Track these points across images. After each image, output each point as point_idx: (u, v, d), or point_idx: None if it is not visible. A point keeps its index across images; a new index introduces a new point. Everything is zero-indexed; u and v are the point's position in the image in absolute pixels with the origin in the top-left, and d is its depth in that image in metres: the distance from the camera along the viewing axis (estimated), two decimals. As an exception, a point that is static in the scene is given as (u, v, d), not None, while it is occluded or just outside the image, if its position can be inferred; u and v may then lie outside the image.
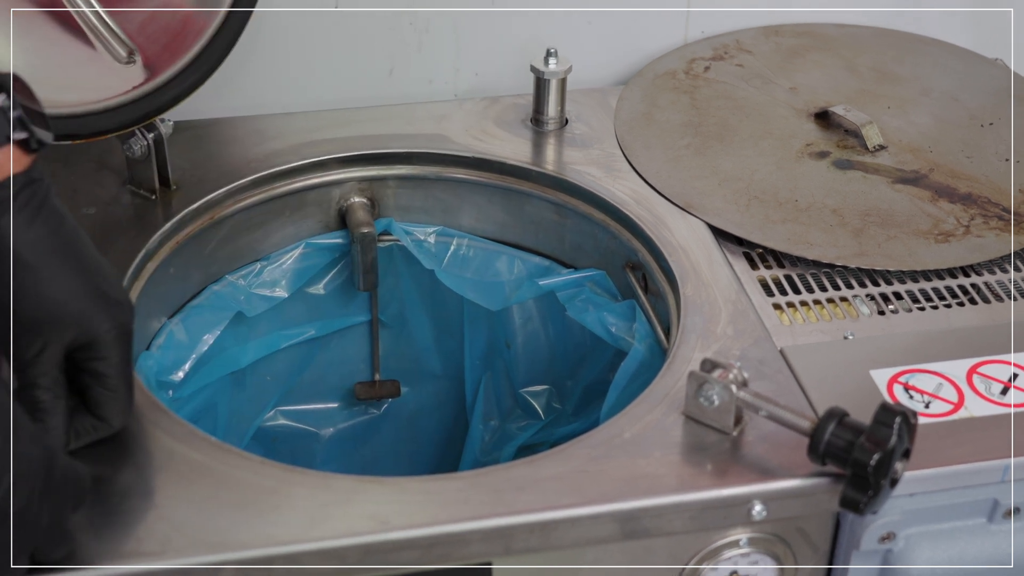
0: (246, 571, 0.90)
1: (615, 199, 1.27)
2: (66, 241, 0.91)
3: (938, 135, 1.39)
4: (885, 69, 1.50)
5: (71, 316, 0.90)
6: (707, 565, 1.00)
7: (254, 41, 1.33)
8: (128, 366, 0.95)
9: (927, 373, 1.07)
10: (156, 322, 1.23)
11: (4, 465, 0.78)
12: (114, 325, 0.93)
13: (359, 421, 1.49)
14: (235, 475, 0.96)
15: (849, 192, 1.29)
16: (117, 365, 0.94)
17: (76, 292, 0.90)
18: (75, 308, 0.90)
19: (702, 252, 1.21)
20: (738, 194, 1.29)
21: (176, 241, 1.23)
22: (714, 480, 0.97)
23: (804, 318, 1.15)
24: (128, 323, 0.94)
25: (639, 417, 1.02)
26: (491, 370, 1.45)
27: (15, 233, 0.87)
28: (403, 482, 0.97)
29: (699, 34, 1.54)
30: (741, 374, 0.99)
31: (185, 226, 1.24)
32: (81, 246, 0.92)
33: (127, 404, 0.97)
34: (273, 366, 1.38)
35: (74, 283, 0.90)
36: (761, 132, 1.38)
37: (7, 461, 0.79)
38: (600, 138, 1.37)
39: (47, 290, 0.89)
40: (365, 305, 1.42)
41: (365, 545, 0.92)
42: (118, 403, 0.96)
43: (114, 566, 0.88)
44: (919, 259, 1.21)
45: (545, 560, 0.97)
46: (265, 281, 1.32)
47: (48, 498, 0.83)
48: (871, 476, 0.91)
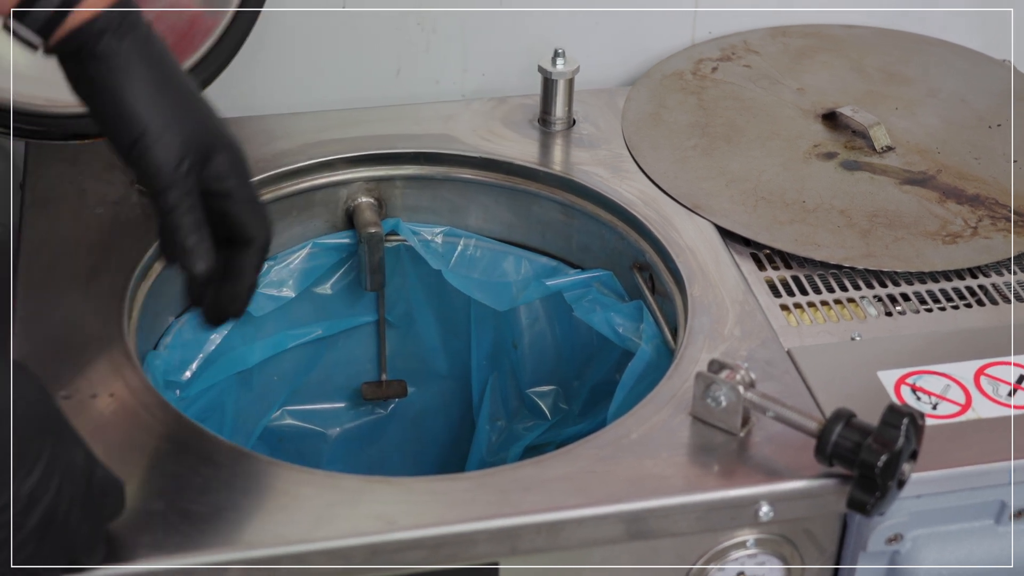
0: (252, 571, 0.90)
1: (622, 199, 1.27)
2: (178, 70, 0.92)
3: (946, 136, 1.38)
4: (892, 70, 1.50)
5: (209, 132, 0.92)
6: (714, 566, 1.00)
7: (261, 41, 1.33)
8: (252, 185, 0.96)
9: (934, 374, 1.07)
10: (163, 322, 1.23)
11: (51, 470, 0.78)
12: (237, 142, 0.94)
13: (366, 421, 1.49)
14: (242, 474, 0.96)
15: (857, 193, 1.29)
16: (246, 177, 0.95)
17: (206, 112, 0.92)
18: (211, 125, 0.92)
19: (709, 253, 1.21)
20: (745, 195, 1.29)
21: (183, 241, 1.23)
22: (721, 481, 0.97)
23: (811, 319, 1.15)
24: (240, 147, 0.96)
25: (646, 418, 1.02)
26: (498, 370, 1.45)
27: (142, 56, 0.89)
28: (410, 482, 0.97)
29: (706, 35, 1.54)
30: (748, 375, 0.99)
31: (192, 226, 1.24)
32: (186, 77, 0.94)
33: (267, 215, 0.96)
34: (280, 366, 1.38)
35: (203, 104, 0.93)
36: (768, 133, 1.38)
37: (54, 466, 0.79)
38: (607, 139, 1.37)
39: (178, 108, 0.90)
40: (372, 305, 1.42)
41: (372, 545, 0.92)
42: (258, 214, 0.95)
43: (119, 566, 0.88)
44: (927, 260, 1.21)
45: (552, 560, 0.97)
46: (272, 281, 1.32)
47: (87, 506, 0.83)
48: (878, 477, 0.90)
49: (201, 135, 0.91)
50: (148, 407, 1.01)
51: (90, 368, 1.05)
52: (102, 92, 0.88)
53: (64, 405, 1.00)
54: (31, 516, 0.77)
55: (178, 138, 0.90)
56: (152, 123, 0.89)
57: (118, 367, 1.05)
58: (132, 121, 0.88)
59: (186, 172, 0.90)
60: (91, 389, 1.02)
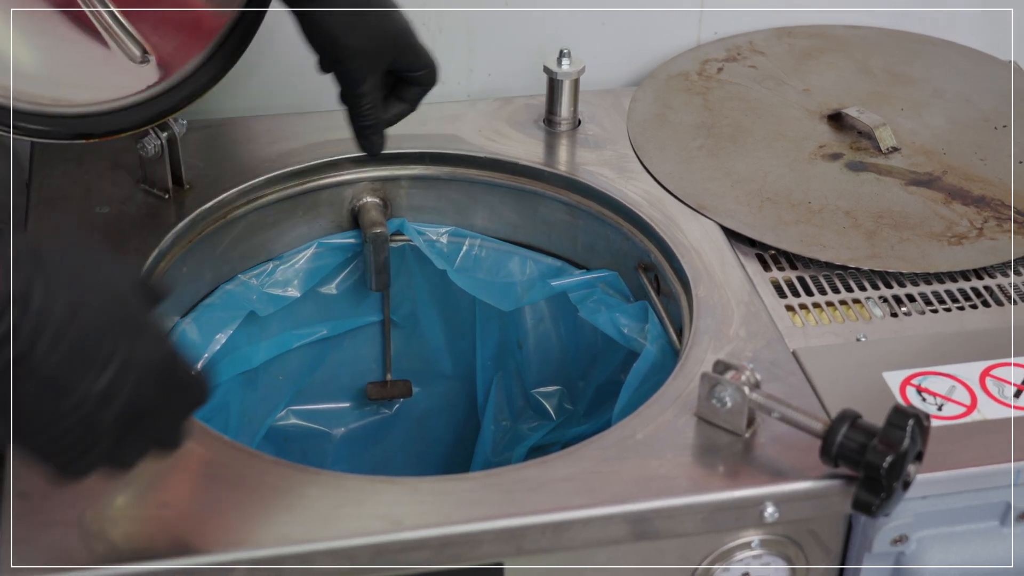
0: (258, 571, 0.90)
1: (628, 200, 1.27)
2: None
3: (951, 137, 1.38)
4: (898, 71, 1.49)
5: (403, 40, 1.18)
6: (719, 566, 1.00)
7: (268, 40, 1.33)
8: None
9: (940, 375, 1.07)
10: (169, 321, 1.23)
11: (127, 368, 0.80)
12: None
13: (371, 421, 1.49)
14: (247, 474, 0.96)
15: (862, 194, 1.29)
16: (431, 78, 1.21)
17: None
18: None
19: (715, 253, 1.21)
20: (751, 195, 1.29)
21: (189, 240, 1.23)
22: (726, 482, 0.97)
23: (817, 320, 1.15)
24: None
25: (651, 418, 1.02)
26: (503, 370, 1.45)
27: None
28: (415, 482, 0.97)
29: (712, 35, 1.54)
30: (753, 376, 0.99)
31: (198, 225, 1.24)
32: None
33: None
34: (285, 366, 1.38)
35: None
36: (774, 134, 1.38)
37: (131, 365, 0.80)
38: (613, 139, 1.37)
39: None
40: (377, 305, 1.42)
41: (377, 545, 0.92)
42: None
43: (125, 566, 0.88)
44: (932, 261, 1.21)
45: (557, 561, 0.97)
46: (277, 281, 1.32)
47: (168, 399, 0.85)
48: (884, 478, 0.90)
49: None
50: (153, 406, 1.01)
51: (95, 367, 1.04)
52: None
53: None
54: (106, 413, 0.80)
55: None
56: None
57: (123, 366, 1.04)
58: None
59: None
60: (96, 388, 1.02)
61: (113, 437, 0.81)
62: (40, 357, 0.77)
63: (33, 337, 0.76)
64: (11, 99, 0.91)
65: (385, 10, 1.17)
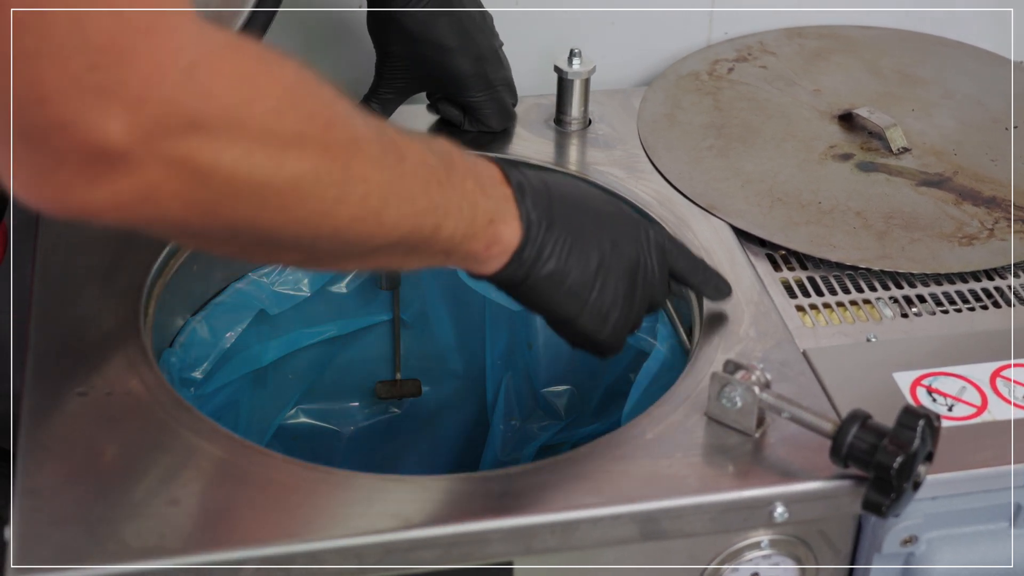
0: (266, 569, 0.90)
1: (638, 200, 1.27)
2: None
3: (962, 138, 1.38)
4: (908, 71, 1.49)
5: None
6: (728, 566, 1.00)
7: (277, 41, 1.33)
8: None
9: (950, 376, 1.07)
10: (179, 319, 1.23)
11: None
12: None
13: (380, 420, 1.49)
14: (256, 472, 0.96)
15: (872, 194, 1.29)
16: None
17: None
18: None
19: (725, 253, 1.21)
20: (761, 196, 1.28)
21: (199, 239, 1.23)
22: (736, 482, 0.97)
23: (827, 320, 1.15)
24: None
25: (661, 418, 1.02)
26: (512, 370, 1.45)
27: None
28: (424, 481, 0.97)
29: (722, 35, 1.54)
30: (764, 376, 0.99)
31: (208, 224, 1.24)
32: None
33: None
34: (295, 364, 1.38)
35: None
36: (784, 134, 1.38)
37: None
38: (623, 139, 1.37)
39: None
40: (387, 304, 1.42)
41: (386, 544, 0.92)
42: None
43: (133, 564, 0.88)
44: (943, 262, 1.21)
45: (566, 560, 0.97)
46: (288, 279, 1.32)
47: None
48: (894, 479, 0.90)
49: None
50: (163, 404, 1.01)
51: (106, 365, 1.05)
52: None
53: (80, 401, 1.01)
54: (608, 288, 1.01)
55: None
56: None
57: (134, 364, 1.05)
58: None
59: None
60: (107, 386, 1.03)
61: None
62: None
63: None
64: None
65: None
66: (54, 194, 0.71)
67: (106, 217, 0.72)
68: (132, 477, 0.95)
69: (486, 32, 1.29)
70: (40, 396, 1.01)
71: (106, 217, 0.72)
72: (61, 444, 0.97)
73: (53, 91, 0.66)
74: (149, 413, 1.01)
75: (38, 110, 0.67)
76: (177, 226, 0.76)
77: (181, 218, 0.74)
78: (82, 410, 1.00)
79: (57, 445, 0.97)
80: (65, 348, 1.07)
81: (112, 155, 0.69)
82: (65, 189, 0.70)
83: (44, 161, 0.69)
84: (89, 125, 0.67)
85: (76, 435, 0.98)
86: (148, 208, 0.72)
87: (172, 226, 0.76)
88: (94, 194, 0.70)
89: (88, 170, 0.69)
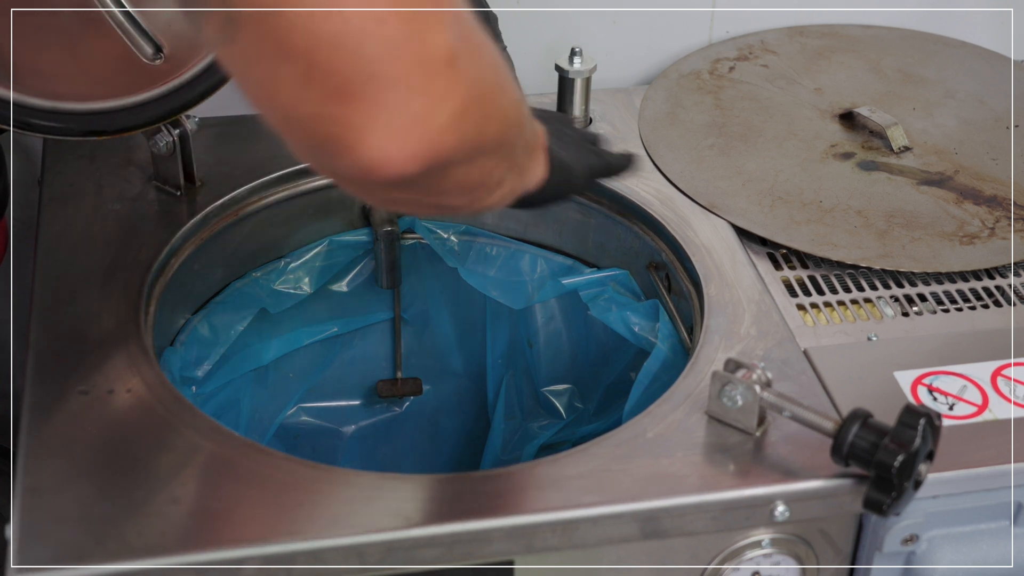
0: (268, 568, 0.90)
1: (639, 199, 1.27)
2: None
3: (963, 137, 1.38)
4: (910, 71, 1.49)
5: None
6: (729, 565, 1.00)
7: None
8: None
9: (951, 375, 1.07)
10: (180, 318, 1.23)
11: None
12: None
13: (381, 419, 1.50)
14: (258, 471, 0.96)
15: (874, 193, 1.29)
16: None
17: None
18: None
19: (726, 252, 1.21)
20: (762, 195, 1.28)
21: (200, 237, 1.23)
22: (737, 480, 0.97)
23: (828, 319, 1.15)
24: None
25: (662, 417, 1.02)
26: (513, 369, 1.45)
27: None
28: (425, 479, 0.97)
29: (724, 34, 1.54)
30: (765, 375, 0.99)
31: (209, 222, 1.24)
32: None
33: None
34: (296, 363, 1.39)
35: None
36: (786, 133, 1.38)
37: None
38: (624, 138, 1.37)
39: None
40: (388, 303, 1.42)
41: (387, 542, 0.92)
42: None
43: (134, 563, 0.88)
44: (943, 261, 1.21)
45: (567, 559, 0.97)
46: (289, 278, 1.32)
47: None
48: (895, 478, 0.90)
49: None
50: (164, 403, 1.01)
51: (107, 363, 1.05)
52: None
53: (81, 400, 1.01)
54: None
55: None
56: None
57: (135, 363, 1.05)
58: None
59: None
60: (108, 384, 1.03)
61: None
62: None
63: None
64: (11, 99, 0.90)
65: None
66: (422, 133, 0.72)
67: (448, 141, 0.73)
68: (133, 476, 0.95)
69: (491, 34, 1.29)
70: (41, 395, 1.02)
71: (448, 141, 0.73)
72: (62, 443, 0.97)
73: None
74: (150, 412, 1.01)
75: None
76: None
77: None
78: (83, 409, 1.00)
79: (58, 444, 0.97)
80: (66, 347, 1.07)
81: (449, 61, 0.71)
82: (425, 120, 0.72)
83: (417, 100, 0.71)
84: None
85: (77, 434, 0.98)
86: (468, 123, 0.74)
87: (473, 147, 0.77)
88: (439, 119, 0.72)
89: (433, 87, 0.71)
